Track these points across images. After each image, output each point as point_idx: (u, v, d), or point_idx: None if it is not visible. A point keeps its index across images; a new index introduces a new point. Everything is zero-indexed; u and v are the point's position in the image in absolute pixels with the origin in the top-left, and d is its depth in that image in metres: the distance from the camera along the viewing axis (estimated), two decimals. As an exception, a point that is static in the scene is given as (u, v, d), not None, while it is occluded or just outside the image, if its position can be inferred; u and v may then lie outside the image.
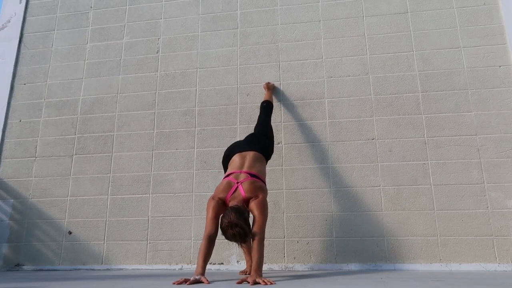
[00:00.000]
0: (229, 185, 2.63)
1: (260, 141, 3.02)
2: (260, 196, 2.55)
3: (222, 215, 2.43)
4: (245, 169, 2.73)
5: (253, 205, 2.52)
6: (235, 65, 3.78)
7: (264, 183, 2.75)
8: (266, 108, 3.36)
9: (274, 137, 3.29)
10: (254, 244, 2.38)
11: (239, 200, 2.52)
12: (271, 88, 3.57)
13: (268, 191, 2.75)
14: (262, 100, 3.48)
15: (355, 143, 3.39)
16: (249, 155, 2.83)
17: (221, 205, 2.54)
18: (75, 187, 3.64)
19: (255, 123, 3.35)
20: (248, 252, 2.85)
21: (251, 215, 2.55)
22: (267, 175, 3.02)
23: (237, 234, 2.31)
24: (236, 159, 2.83)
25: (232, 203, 2.50)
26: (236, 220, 2.30)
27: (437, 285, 2.08)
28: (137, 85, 3.87)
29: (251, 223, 2.47)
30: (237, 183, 2.61)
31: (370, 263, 3.10)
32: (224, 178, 2.76)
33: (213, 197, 2.59)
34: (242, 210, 2.39)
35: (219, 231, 2.43)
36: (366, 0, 3.76)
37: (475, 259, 2.99)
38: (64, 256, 3.49)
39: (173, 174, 3.55)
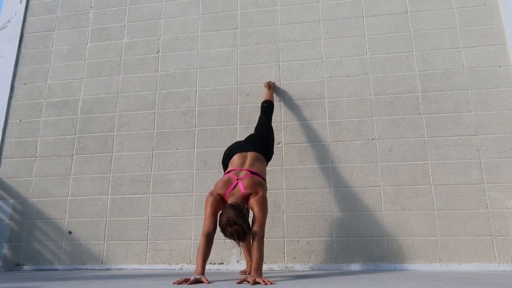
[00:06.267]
0: (229, 181, 2.60)
1: (261, 142, 3.02)
2: (260, 193, 2.53)
3: (220, 212, 2.41)
4: (245, 167, 2.71)
5: (252, 201, 2.49)
6: (235, 65, 3.78)
7: (265, 181, 2.74)
8: (267, 108, 3.36)
9: (275, 138, 3.29)
10: (254, 243, 2.36)
11: (238, 197, 2.50)
12: (272, 87, 3.57)
13: (268, 191, 2.74)
14: (262, 99, 3.48)
15: (355, 143, 3.39)
16: (250, 155, 2.82)
17: (219, 201, 2.52)
18: (75, 187, 3.65)
19: (255, 123, 3.35)
20: (248, 252, 2.85)
21: (251, 213, 2.54)
22: (267, 175, 3.01)
23: (235, 232, 2.29)
24: (236, 158, 2.81)
25: (231, 200, 2.48)
26: (235, 217, 2.28)
27: (437, 285, 2.08)
28: (137, 85, 3.87)
29: (250, 221, 2.46)
30: (237, 179, 2.59)
31: (370, 263, 3.10)
32: (224, 175, 2.75)
33: (211, 193, 2.56)
34: (241, 208, 2.36)
35: (218, 229, 2.42)
36: (366, 0, 3.76)
37: (475, 259, 2.99)
38: (64, 256, 3.49)
39: (173, 174, 3.55)
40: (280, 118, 3.55)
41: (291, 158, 3.43)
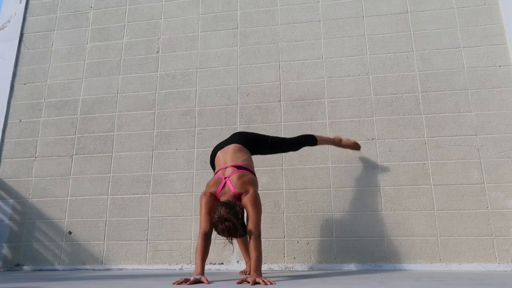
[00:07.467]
0: (218, 181, 2.59)
1: (246, 136, 2.93)
2: (251, 191, 2.50)
3: (214, 210, 2.41)
4: (229, 163, 2.67)
5: (245, 200, 2.47)
6: (235, 65, 3.78)
7: (253, 173, 2.69)
8: (303, 137, 3.16)
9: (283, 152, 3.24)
10: (251, 242, 2.35)
11: (230, 196, 2.49)
12: (342, 143, 3.25)
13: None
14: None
15: (355, 143, 3.39)
16: (230, 148, 2.76)
17: (213, 200, 2.51)
18: (75, 187, 3.64)
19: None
20: (246, 252, 2.85)
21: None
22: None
23: (226, 229, 2.29)
24: (220, 155, 2.77)
25: (223, 199, 2.48)
26: (226, 214, 2.28)
27: (437, 285, 2.08)
28: (137, 85, 3.87)
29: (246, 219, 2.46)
30: (225, 178, 2.57)
31: (370, 263, 3.10)
32: (213, 176, 2.73)
33: (204, 193, 2.55)
34: (232, 204, 2.36)
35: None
36: (366, 0, 3.76)
37: (475, 259, 2.99)
38: (64, 256, 3.49)
39: (173, 174, 3.55)
40: (280, 118, 3.55)
41: (291, 158, 3.42)
